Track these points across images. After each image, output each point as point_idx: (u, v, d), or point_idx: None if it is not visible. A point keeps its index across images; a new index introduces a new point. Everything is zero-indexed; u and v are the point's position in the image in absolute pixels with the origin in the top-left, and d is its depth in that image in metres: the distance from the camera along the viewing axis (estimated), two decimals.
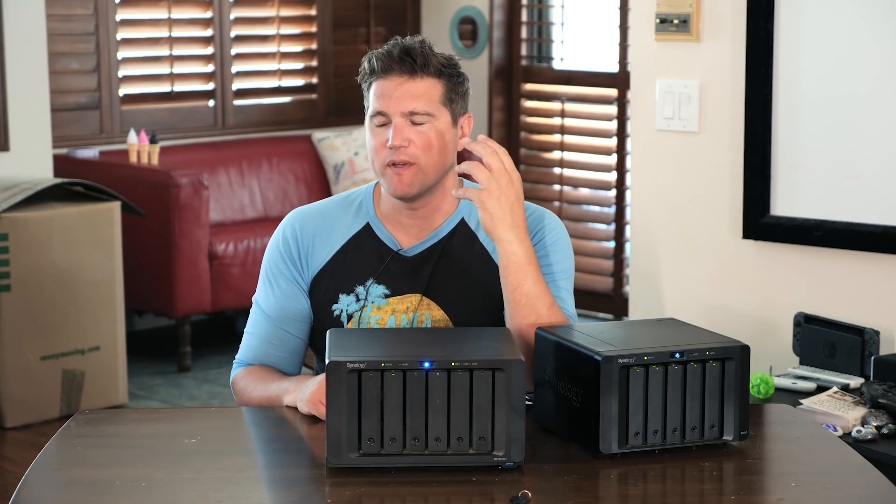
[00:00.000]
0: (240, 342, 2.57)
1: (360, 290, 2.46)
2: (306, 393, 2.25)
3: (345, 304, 2.46)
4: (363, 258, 2.47)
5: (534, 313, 2.31)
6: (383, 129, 2.41)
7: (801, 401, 3.08)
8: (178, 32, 6.25)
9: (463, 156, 5.31)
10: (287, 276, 2.50)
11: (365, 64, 2.44)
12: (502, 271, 2.32)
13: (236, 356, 2.56)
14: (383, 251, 2.47)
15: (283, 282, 2.50)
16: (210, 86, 6.37)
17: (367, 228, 2.50)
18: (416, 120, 2.39)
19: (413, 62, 2.39)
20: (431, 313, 2.44)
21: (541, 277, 2.33)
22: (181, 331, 5.66)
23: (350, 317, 2.45)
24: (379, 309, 2.45)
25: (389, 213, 2.49)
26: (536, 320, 2.30)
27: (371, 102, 2.43)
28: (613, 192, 6.29)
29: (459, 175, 2.50)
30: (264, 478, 2.07)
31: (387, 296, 2.45)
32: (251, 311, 2.56)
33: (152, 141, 5.81)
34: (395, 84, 2.39)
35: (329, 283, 2.47)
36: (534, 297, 2.31)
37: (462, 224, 2.49)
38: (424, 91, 2.40)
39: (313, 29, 6.67)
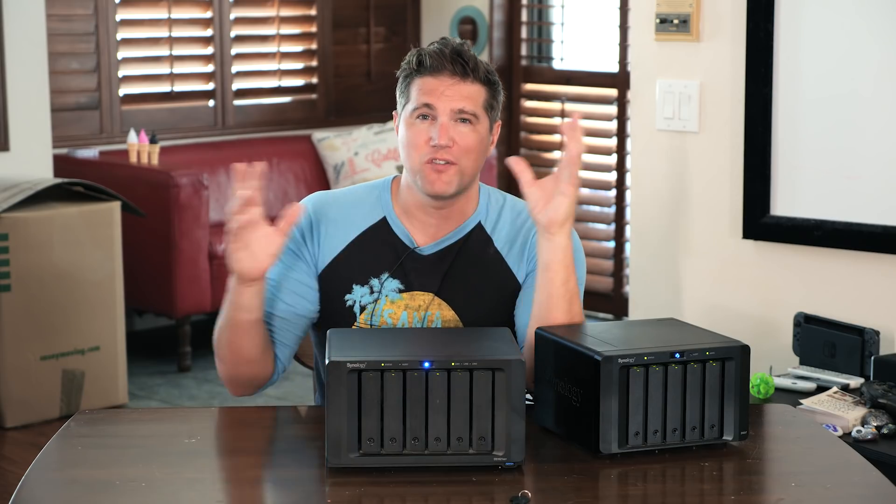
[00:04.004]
0: None
1: (374, 282, 2.46)
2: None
3: (358, 295, 2.46)
4: (377, 251, 2.47)
5: (570, 311, 2.31)
6: (425, 126, 2.40)
7: (801, 401, 3.08)
8: (178, 32, 6.25)
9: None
10: (292, 246, 2.48)
11: (412, 59, 2.43)
12: (555, 265, 2.31)
13: None
14: (399, 247, 2.47)
15: (287, 253, 2.47)
16: (210, 86, 6.37)
17: (384, 222, 2.50)
18: (464, 118, 2.39)
19: (465, 65, 2.40)
20: (442, 313, 2.45)
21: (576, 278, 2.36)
22: (181, 331, 5.66)
23: (363, 308, 2.46)
24: (392, 303, 2.45)
25: (409, 209, 2.49)
26: (570, 318, 2.31)
27: (414, 96, 2.42)
28: (613, 192, 6.29)
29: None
30: (264, 478, 2.07)
31: (401, 291, 2.45)
32: None
33: (152, 141, 5.81)
34: (445, 83, 2.40)
35: (343, 272, 2.47)
36: (574, 293, 2.33)
37: (479, 227, 2.49)
38: (472, 94, 2.41)
39: (313, 29, 6.67)
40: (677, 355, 2.07)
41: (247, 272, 2.30)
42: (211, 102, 6.38)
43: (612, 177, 6.30)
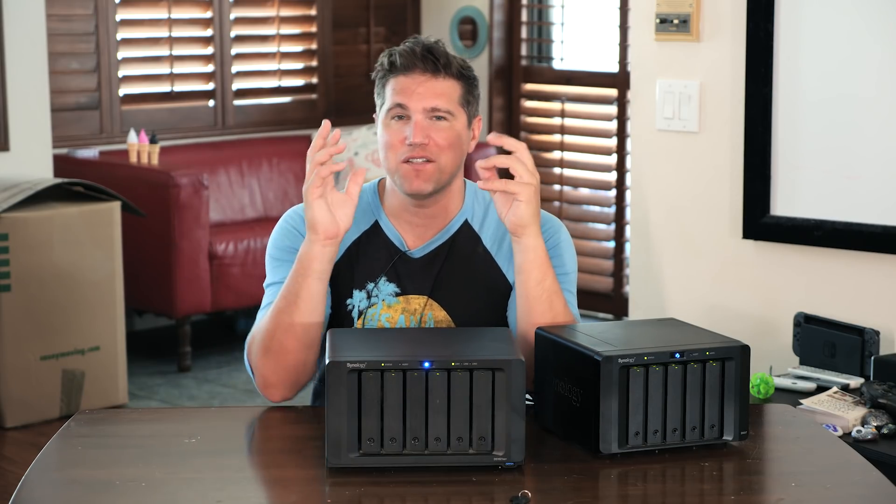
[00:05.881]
0: (240, 342, 2.57)
1: (370, 286, 2.46)
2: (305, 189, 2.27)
3: (357, 299, 2.46)
4: (373, 255, 2.47)
5: (551, 310, 2.32)
6: (400, 125, 2.40)
7: (801, 401, 3.08)
8: (178, 32, 6.25)
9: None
10: (297, 250, 2.40)
11: (384, 59, 2.43)
12: (527, 265, 2.31)
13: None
14: (392, 250, 2.48)
15: (293, 256, 2.41)
16: (210, 86, 6.37)
17: (376, 226, 2.49)
18: (438, 115, 2.38)
19: (436, 61, 2.39)
20: (434, 314, 2.44)
21: (555, 275, 2.35)
22: (181, 331, 5.66)
23: (361, 313, 2.46)
24: (389, 307, 2.45)
25: (396, 210, 2.49)
26: (553, 318, 2.31)
27: (388, 97, 2.41)
28: (613, 192, 6.29)
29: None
30: (264, 478, 2.07)
31: (397, 294, 2.45)
32: (264, 296, 2.50)
33: (152, 141, 5.81)
34: (417, 81, 2.39)
35: (345, 277, 2.46)
36: (553, 292, 2.32)
37: (466, 225, 2.49)
38: (446, 90, 2.40)
39: (313, 29, 6.67)
40: (677, 355, 2.07)
41: (323, 225, 2.28)
42: (211, 102, 6.37)
43: (612, 177, 6.30)
